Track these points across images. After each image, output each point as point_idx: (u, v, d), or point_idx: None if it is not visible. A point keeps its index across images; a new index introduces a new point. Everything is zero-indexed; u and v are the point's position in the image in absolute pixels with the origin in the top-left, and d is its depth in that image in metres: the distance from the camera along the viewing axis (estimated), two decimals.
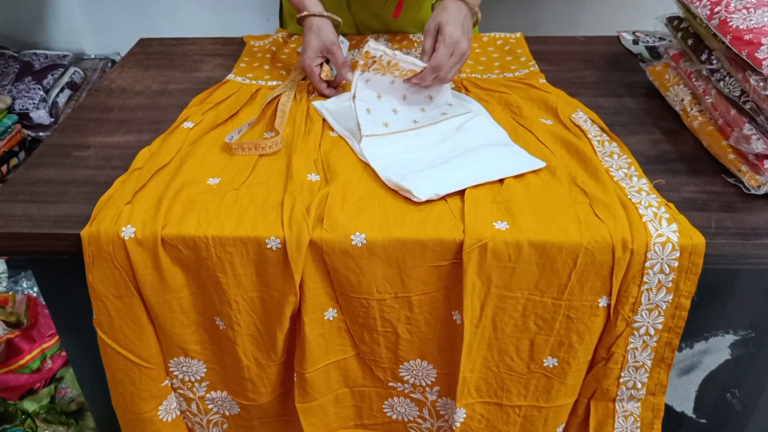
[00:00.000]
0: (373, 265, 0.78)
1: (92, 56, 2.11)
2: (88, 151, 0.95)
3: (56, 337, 1.44)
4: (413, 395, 0.89)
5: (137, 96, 1.09)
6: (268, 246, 0.77)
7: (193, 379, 0.89)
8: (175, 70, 1.17)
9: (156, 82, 1.13)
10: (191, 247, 0.78)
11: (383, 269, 0.78)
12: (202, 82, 1.11)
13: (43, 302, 1.59)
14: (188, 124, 0.96)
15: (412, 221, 0.78)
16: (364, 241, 0.76)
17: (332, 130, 0.96)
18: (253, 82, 1.10)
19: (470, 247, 0.75)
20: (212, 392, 0.90)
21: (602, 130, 0.95)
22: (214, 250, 0.78)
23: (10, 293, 1.53)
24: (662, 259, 0.75)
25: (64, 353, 1.44)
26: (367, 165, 0.87)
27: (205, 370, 0.89)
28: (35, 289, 1.69)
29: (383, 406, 0.91)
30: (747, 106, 0.84)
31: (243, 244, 0.77)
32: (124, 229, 0.77)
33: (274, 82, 1.10)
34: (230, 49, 1.24)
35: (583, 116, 0.98)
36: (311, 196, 0.81)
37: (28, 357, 1.40)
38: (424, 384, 0.88)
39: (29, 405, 1.37)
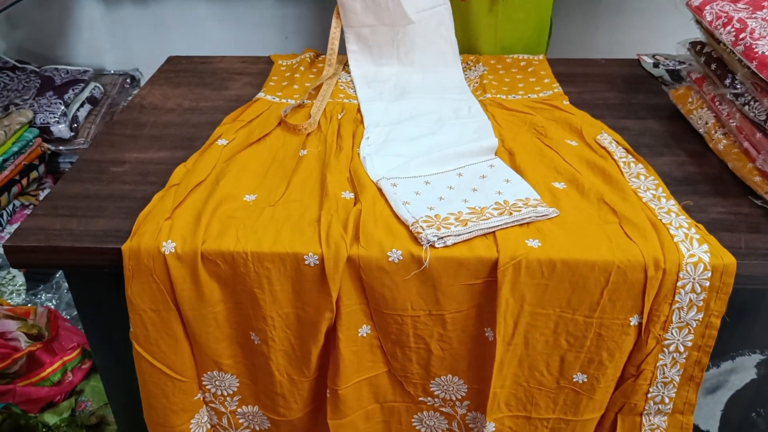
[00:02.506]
0: (408, 282, 0.79)
1: (112, 72, 2.13)
2: (124, 166, 0.96)
3: (77, 350, 1.45)
4: (443, 409, 0.90)
5: (169, 113, 1.11)
6: (306, 262, 0.78)
7: (225, 393, 0.90)
8: (205, 88, 1.19)
9: (187, 100, 1.15)
10: (230, 262, 0.79)
11: (418, 286, 0.79)
12: (232, 100, 1.14)
13: (65, 315, 1.61)
14: (222, 141, 0.98)
15: None
16: (401, 258, 0.77)
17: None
18: (283, 100, 1.12)
19: (505, 265, 0.77)
20: (244, 407, 0.91)
21: (627, 151, 0.97)
22: (252, 265, 0.79)
23: (31, 306, 1.54)
24: (694, 278, 0.77)
25: (84, 366, 1.45)
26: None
27: (238, 384, 0.90)
28: (54, 302, 1.70)
29: (412, 420, 0.92)
30: None
31: (281, 260, 0.79)
32: (164, 244, 0.79)
33: (303, 101, 1.12)
34: (258, 68, 1.26)
35: (607, 138, 0.99)
36: (346, 213, 0.83)
37: (49, 370, 1.41)
38: (454, 398, 0.89)
39: (50, 418, 1.38)
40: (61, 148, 1.93)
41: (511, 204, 0.83)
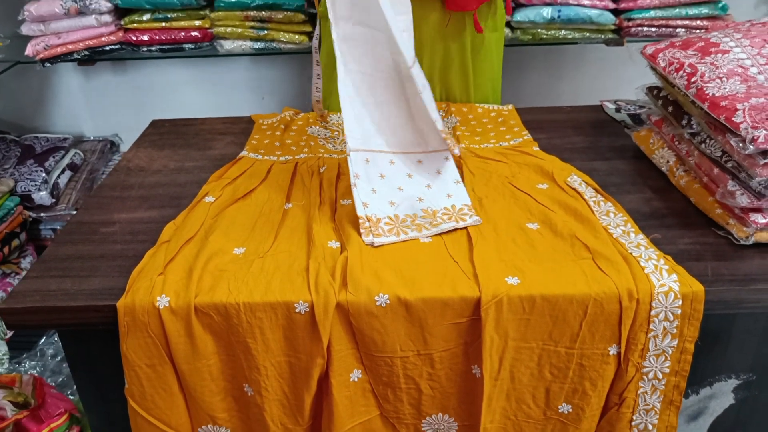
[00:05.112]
0: (396, 325, 0.82)
1: (91, 138, 2.17)
2: (114, 227, 0.99)
3: (64, 416, 1.43)
4: None
5: (155, 174, 1.14)
6: (297, 310, 0.81)
7: None
8: (189, 149, 1.23)
9: (172, 161, 1.18)
10: (223, 314, 0.82)
11: (406, 328, 0.83)
12: (217, 159, 1.18)
13: (50, 382, 1.59)
14: (209, 199, 1.02)
15: (430, 282, 0.83)
16: (388, 302, 0.81)
17: (344, 198, 1.01)
18: (266, 157, 1.16)
19: (487, 304, 0.80)
20: None
21: (596, 191, 1.02)
22: (245, 316, 0.82)
23: (16, 374, 1.53)
24: (666, 307, 0.81)
25: None
26: None
27: None
28: (38, 369, 1.69)
29: None
30: (729, 165, 0.92)
31: (272, 309, 0.82)
32: (158, 299, 0.81)
33: (285, 158, 1.16)
34: (239, 128, 1.31)
35: (577, 179, 1.05)
36: (333, 261, 0.86)
37: None
38: None
39: None
40: (42, 215, 1.95)
41: (457, 209, 0.95)
